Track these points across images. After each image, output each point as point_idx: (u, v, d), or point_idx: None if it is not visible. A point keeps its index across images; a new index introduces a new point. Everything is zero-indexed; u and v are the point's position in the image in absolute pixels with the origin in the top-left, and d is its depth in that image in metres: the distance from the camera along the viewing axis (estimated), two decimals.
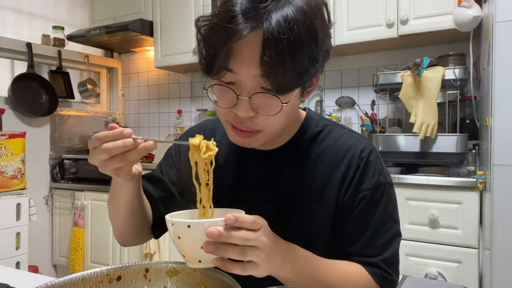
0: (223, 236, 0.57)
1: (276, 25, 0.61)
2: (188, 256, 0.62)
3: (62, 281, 0.62)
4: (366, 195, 0.77)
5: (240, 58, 0.64)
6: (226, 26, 0.63)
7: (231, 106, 0.68)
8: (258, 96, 0.66)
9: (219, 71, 0.66)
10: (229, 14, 0.64)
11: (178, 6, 2.84)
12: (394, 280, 0.77)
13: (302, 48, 0.63)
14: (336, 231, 0.79)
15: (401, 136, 2.05)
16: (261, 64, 0.63)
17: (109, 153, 0.64)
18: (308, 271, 0.69)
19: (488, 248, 1.52)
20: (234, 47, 0.64)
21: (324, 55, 0.70)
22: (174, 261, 0.71)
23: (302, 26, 0.63)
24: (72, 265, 2.86)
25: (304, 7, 0.64)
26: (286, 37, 0.61)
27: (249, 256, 0.59)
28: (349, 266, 0.76)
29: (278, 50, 0.62)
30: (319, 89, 2.70)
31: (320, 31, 0.66)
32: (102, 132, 0.65)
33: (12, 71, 2.99)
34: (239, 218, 0.58)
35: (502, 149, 1.47)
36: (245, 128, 0.70)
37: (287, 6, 0.63)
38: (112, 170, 0.66)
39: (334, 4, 2.31)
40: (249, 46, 0.63)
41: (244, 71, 0.65)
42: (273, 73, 0.63)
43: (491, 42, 1.50)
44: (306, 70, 0.66)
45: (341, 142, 0.82)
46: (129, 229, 0.84)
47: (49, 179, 3.03)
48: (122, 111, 3.62)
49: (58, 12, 3.25)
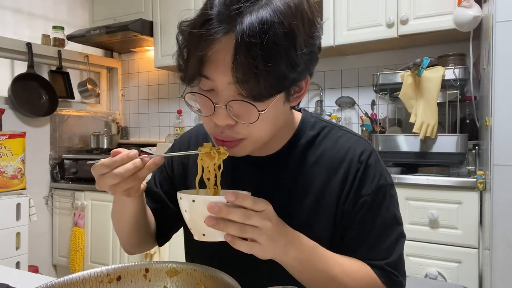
0: (223, 212, 0.59)
1: (248, 28, 0.58)
2: (193, 229, 0.65)
3: (62, 281, 0.63)
4: (367, 200, 0.75)
5: (214, 64, 0.62)
6: (200, 31, 0.61)
7: (210, 114, 0.66)
8: (236, 104, 0.63)
9: (195, 77, 0.65)
10: (203, 18, 0.62)
11: (178, 6, 2.84)
12: (401, 281, 0.76)
13: (277, 52, 0.59)
14: (337, 237, 0.77)
15: (401, 136, 2.05)
16: (232, 70, 0.60)
17: (122, 177, 0.65)
18: (312, 260, 0.69)
19: (488, 248, 1.52)
20: (208, 53, 0.61)
21: (309, 58, 0.65)
22: (174, 261, 0.71)
23: (278, 28, 0.59)
24: (72, 265, 2.86)
25: (281, 7, 0.60)
26: (259, 40, 0.58)
27: (249, 234, 0.60)
28: (355, 263, 0.75)
29: (250, 55, 0.58)
30: (319, 89, 2.70)
31: (300, 32, 0.62)
32: (107, 158, 0.66)
33: (12, 71, 2.99)
34: (240, 197, 0.60)
35: (502, 149, 1.48)
36: (227, 138, 0.68)
37: (263, 8, 0.59)
38: (123, 191, 0.68)
39: (334, 4, 2.31)
40: (222, 51, 0.60)
41: (219, 78, 0.62)
42: (245, 80, 0.60)
43: (491, 42, 1.50)
44: (284, 76, 0.61)
45: (339, 145, 0.79)
46: (134, 240, 0.87)
47: (49, 179, 3.03)
48: (122, 111, 3.62)
49: (58, 12, 3.25)
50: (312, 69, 0.69)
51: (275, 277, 0.68)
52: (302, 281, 0.70)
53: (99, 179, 0.67)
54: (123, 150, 0.68)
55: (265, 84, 0.60)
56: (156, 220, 0.92)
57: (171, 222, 0.92)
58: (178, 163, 0.91)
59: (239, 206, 0.60)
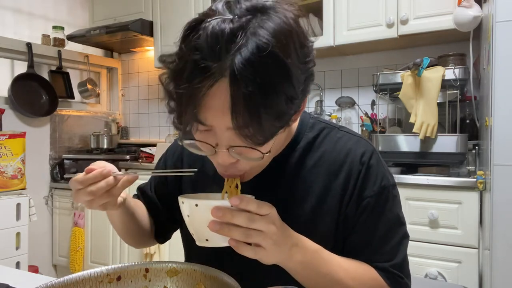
0: (227, 216, 0.58)
1: (241, 70, 0.54)
2: (196, 234, 0.64)
3: (62, 281, 0.63)
4: (370, 202, 0.74)
5: (210, 110, 0.58)
6: (189, 78, 0.56)
7: (211, 154, 0.64)
8: (237, 148, 0.61)
9: (191, 124, 0.61)
10: (190, 65, 0.57)
11: (178, 6, 2.84)
12: (406, 283, 0.75)
13: (275, 92, 0.56)
14: (340, 240, 0.77)
15: (401, 136, 2.05)
16: (233, 118, 0.56)
17: (94, 194, 0.67)
18: (317, 264, 0.68)
19: (488, 248, 1.52)
20: (202, 99, 0.57)
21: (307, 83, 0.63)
22: (174, 261, 0.71)
23: (272, 66, 0.55)
24: (72, 265, 2.86)
25: (272, 41, 0.55)
26: (254, 83, 0.54)
27: (253, 239, 0.59)
28: (359, 265, 0.74)
29: (247, 100, 0.54)
30: (319, 89, 2.70)
31: (294, 65, 0.58)
32: (80, 175, 0.68)
33: (12, 71, 2.99)
34: (244, 200, 0.58)
35: (502, 149, 1.47)
36: (230, 174, 0.68)
37: (251, 44, 0.55)
38: (99, 206, 0.70)
39: (334, 4, 2.31)
40: (217, 96, 0.56)
41: (216, 123, 0.59)
42: (245, 126, 0.56)
43: (491, 42, 1.50)
44: (284, 112, 0.59)
45: (339, 146, 0.78)
46: (130, 241, 0.91)
47: (49, 179, 3.03)
48: (122, 111, 3.62)
49: (58, 12, 3.25)
50: (310, 87, 0.66)
51: (275, 278, 0.68)
52: (306, 285, 0.69)
53: (75, 193, 0.69)
54: (97, 166, 0.69)
55: (263, 126, 0.57)
56: (154, 222, 0.93)
57: (167, 224, 0.94)
58: (172, 167, 0.92)
59: (243, 210, 0.59)
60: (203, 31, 0.57)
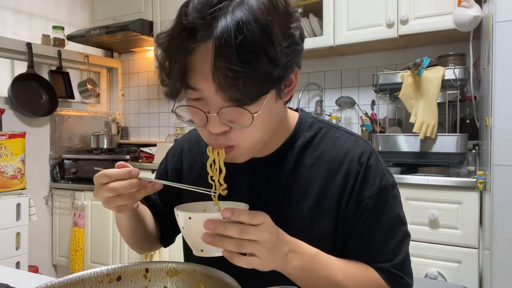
0: (219, 229, 0.59)
1: (223, 32, 0.56)
2: (192, 245, 0.65)
3: (62, 281, 0.62)
4: (370, 203, 0.74)
5: (197, 73, 0.60)
6: (177, 42, 0.60)
7: (203, 124, 0.64)
8: (228, 110, 0.61)
9: (180, 90, 0.63)
10: (179, 28, 0.61)
11: (178, 6, 2.82)
12: (407, 282, 0.75)
13: (254, 50, 0.57)
14: (339, 241, 0.76)
15: (401, 136, 2.05)
16: (214, 77, 0.57)
17: (115, 192, 0.67)
18: (314, 267, 0.68)
19: (488, 248, 1.52)
20: (189, 63, 0.60)
21: (291, 50, 0.62)
22: (174, 261, 0.71)
23: (253, 26, 0.57)
24: (72, 265, 2.86)
25: (255, 5, 0.59)
26: (235, 42, 0.56)
27: (246, 249, 0.60)
28: (358, 267, 0.73)
29: (228, 58, 0.56)
30: (319, 89, 2.70)
31: (276, 27, 0.59)
32: (110, 169, 0.68)
33: (12, 71, 2.99)
34: (236, 212, 0.59)
35: (502, 149, 1.47)
36: (220, 145, 0.67)
37: (237, 9, 0.58)
38: (116, 207, 0.70)
39: (334, 4, 2.31)
40: (203, 59, 0.59)
41: (204, 86, 0.60)
42: (226, 85, 0.57)
43: (491, 42, 1.50)
44: (268, 74, 0.59)
45: (337, 146, 0.77)
46: (136, 245, 0.91)
47: (49, 179, 3.03)
48: (122, 111, 3.62)
49: (58, 12, 3.25)
50: (299, 61, 0.67)
51: (276, 278, 0.67)
52: None
53: (97, 188, 0.68)
54: (128, 165, 0.70)
55: (246, 86, 0.58)
56: (159, 225, 0.93)
57: (171, 227, 0.93)
58: (172, 169, 0.92)
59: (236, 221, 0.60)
60: (192, 1, 0.62)
